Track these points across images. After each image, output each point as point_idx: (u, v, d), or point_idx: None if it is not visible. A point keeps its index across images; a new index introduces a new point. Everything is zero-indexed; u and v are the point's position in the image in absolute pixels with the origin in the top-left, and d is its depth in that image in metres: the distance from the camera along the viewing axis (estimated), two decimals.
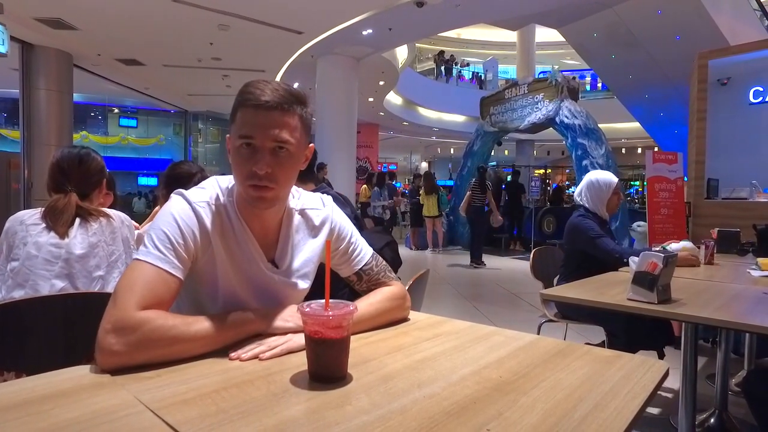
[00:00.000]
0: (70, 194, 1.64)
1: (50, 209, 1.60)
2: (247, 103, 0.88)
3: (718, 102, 5.04)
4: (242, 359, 0.80)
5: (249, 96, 0.88)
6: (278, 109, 0.88)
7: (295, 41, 7.70)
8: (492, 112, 9.45)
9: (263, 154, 0.88)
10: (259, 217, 0.97)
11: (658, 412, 2.34)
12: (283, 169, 0.90)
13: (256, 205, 0.92)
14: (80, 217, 1.62)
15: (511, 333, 1.00)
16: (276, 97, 0.88)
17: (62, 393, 0.67)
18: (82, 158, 1.72)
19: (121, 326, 0.76)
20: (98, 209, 1.69)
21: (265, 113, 0.87)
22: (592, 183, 2.54)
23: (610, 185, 2.52)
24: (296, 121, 0.91)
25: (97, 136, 16.84)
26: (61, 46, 7.90)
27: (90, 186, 1.73)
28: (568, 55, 18.66)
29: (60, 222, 1.58)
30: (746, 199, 4.46)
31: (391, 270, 1.16)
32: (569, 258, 2.54)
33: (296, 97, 0.91)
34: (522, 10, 8.23)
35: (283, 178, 0.91)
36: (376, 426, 0.60)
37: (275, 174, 0.89)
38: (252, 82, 0.91)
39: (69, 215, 1.60)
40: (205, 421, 0.60)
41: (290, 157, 0.91)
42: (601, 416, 0.64)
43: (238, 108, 0.90)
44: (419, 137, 19.27)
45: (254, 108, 0.87)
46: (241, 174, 0.90)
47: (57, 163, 1.69)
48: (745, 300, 1.66)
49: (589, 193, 2.53)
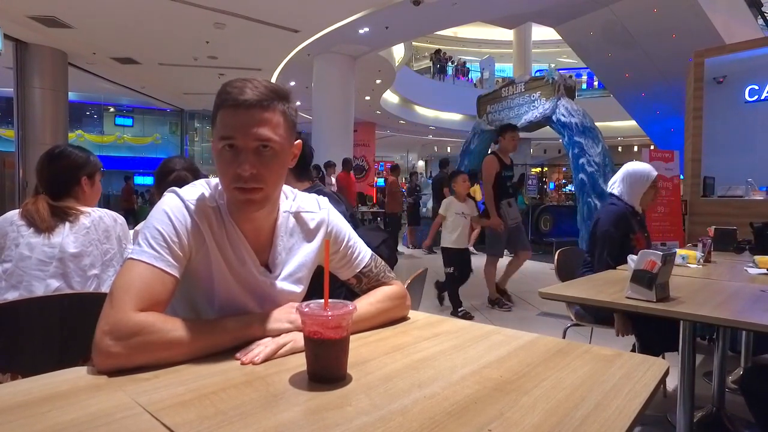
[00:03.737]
0: (38, 198, 1.62)
1: (24, 212, 1.59)
2: (225, 104, 0.85)
3: (714, 100, 5.07)
4: (255, 363, 0.78)
5: (227, 96, 0.85)
6: (258, 107, 0.85)
7: (291, 40, 7.69)
8: (489, 111, 9.44)
9: (246, 155, 0.85)
10: (251, 220, 0.94)
11: (656, 410, 2.34)
12: (269, 168, 0.87)
13: (244, 209, 0.90)
14: (57, 217, 1.60)
15: (510, 332, 1.00)
16: (255, 94, 0.85)
17: (59, 395, 0.66)
18: (52, 158, 1.69)
19: (118, 329, 0.75)
20: (74, 207, 1.64)
21: (244, 112, 0.84)
22: (629, 173, 2.40)
23: (648, 177, 2.38)
24: (279, 117, 0.88)
25: (92, 135, 16.76)
26: (55, 44, 7.86)
27: (62, 185, 1.68)
28: (564, 54, 18.71)
29: (37, 223, 1.56)
30: (742, 197, 4.49)
31: (391, 269, 1.15)
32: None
33: (277, 92, 0.88)
34: (518, 8, 8.24)
35: (271, 178, 0.88)
36: (376, 427, 0.59)
37: (261, 174, 0.86)
38: (230, 81, 0.88)
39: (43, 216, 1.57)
40: (203, 423, 0.59)
41: (275, 156, 0.88)
42: (602, 415, 0.63)
43: (218, 109, 0.87)
44: (416, 136, 19.27)
45: (233, 108, 0.84)
46: (225, 177, 0.88)
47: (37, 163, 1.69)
48: (742, 298, 1.66)
49: (623, 185, 2.40)
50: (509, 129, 4.53)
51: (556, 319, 3.96)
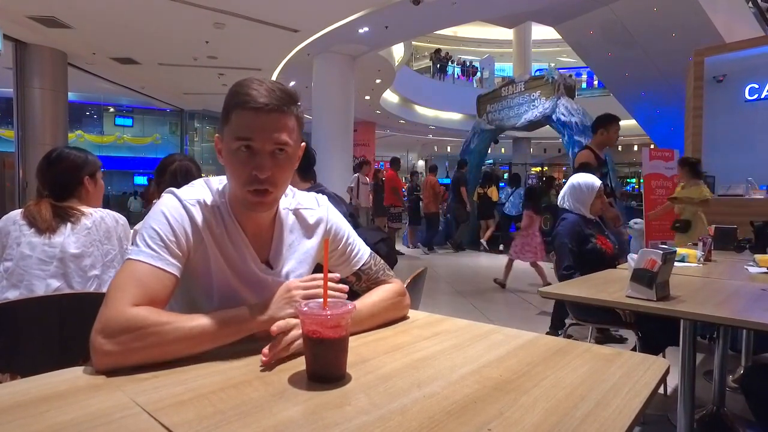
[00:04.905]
0: (41, 200, 1.63)
1: (27, 215, 1.59)
2: (245, 105, 0.86)
3: (714, 99, 5.07)
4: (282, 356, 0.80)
5: (246, 97, 0.86)
6: (277, 111, 0.86)
7: (291, 39, 7.68)
8: (489, 110, 9.45)
9: (263, 158, 0.87)
10: (253, 218, 0.96)
11: (656, 409, 2.34)
12: (281, 171, 0.90)
13: (255, 209, 0.92)
14: (59, 218, 1.60)
15: (510, 331, 0.99)
16: (274, 98, 0.86)
17: (58, 395, 0.66)
18: (51, 162, 1.70)
19: (111, 325, 0.75)
20: (77, 208, 1.65)
21: (265, 116, 0.86)
22: (575, 187, 2.61)
23: (593, 188, 2.57)
24: (294, 121, 0.90)
25: (92, 136, 16.77)
26: (55, 44, 7.85)
27: (65, 186, 1.69)
28: (564, 53, 18.68)
29: (39, 223, 1.57)
30: (742, 196, 4.49)
31: (389, 268, 1.15)
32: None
33: (292, 96, 0.90)
34: (518, 7, 8.23)
35: (281, 180, 0.91)
36: (376, 426, 0.59)
37: (275, 176, 0.89)
38: (245, 81, 0.89)
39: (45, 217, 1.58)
40: (202, 423, 0.59)
41: (288, 159, 0.91)
42: (602, 415, 0.63)
43: (233, 109, 0.87)
44: (416, 135, 19.27)
45: (253, 111, 0.85)
46: (239, 178, 0.89)
47: (38, 165, 1.70)
48: (743, 297, 1.66)
49: (571, 198, 2.60)
50: (614, 120, 3.74)
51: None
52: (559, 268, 2.47)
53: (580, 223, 2.51)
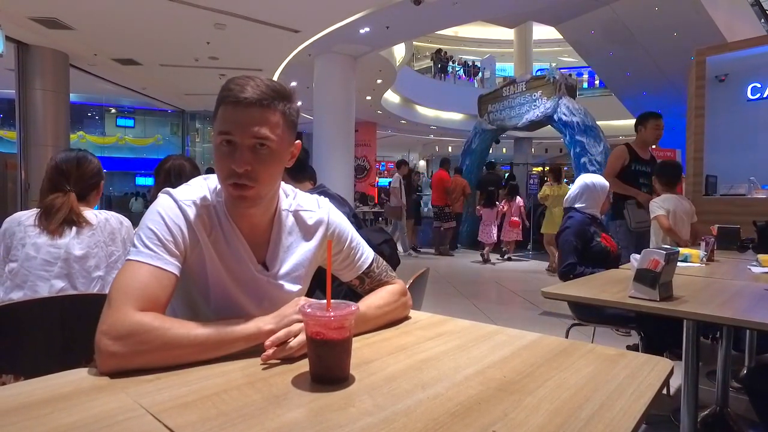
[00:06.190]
0: (69, 193, 1.64)
1: (47, 207, 1.60)
2: (227, 100, 0.86)
3: (716, 99, 5.05)
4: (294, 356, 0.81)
5: (228, 93, 0.86)
6: (257, 105, 0.86)
7: (292, 40, 7.68)
8: (490, 110, 9.44)
9: (242, 152, 0.86)
10: (248, 217, 0.95)
11: (659, 409, 2.34)
12: (264, 166, 0.88)
13: (237, 205, 0.91)
14: (69, 222, 1.61)
15: (513, 332, 0.99)
16: (256, 93, 0.86)
17: (61, 396, 0.66)
18: (80, 160, 1.73)
19: (116, 328, 0.75)
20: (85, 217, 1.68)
21: (243, 109, 0.85)
22: (588, 186, 2.65)
23: (605, 188, 2.67)
24: (278, 117, 0.89)
25: (94, 137, 16.81)
26: (57, 46, 7.86)
27: (87, 188, 1.74)
28: (565, 53, 18.66)
29: (53, 220, 1.57)
30: (745, 196, 4.47)
31: (392, 269, 1.15)
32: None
33: (278, 92, 0.89)
34: (519, 7, 8.22)
35: (264, 177, 0.89)
36: (380, 428, 0.59)
37: (256, 172, 0.87)
38: (234, 78, 0.89)
39: (63, 214, 1.60)
40: (205, 425, 0.59)
41: (271, 155, 0.89)
42: (607, 416, 0.63)
43: (219, 104, 0.88)
44: (417, 135, 19.23)
45: (233, 104, 0.86)
46: (221, 172, 0.89)
47: (56, 165, 1.70)
48: (746, 296, 1.65)
49: (588, 197, 2.64)
50: (652, 116, 3.70)
51: (559, 318, 3.95)
52: (560, 266, 2.49)
53: (587, 222, 2.55)
